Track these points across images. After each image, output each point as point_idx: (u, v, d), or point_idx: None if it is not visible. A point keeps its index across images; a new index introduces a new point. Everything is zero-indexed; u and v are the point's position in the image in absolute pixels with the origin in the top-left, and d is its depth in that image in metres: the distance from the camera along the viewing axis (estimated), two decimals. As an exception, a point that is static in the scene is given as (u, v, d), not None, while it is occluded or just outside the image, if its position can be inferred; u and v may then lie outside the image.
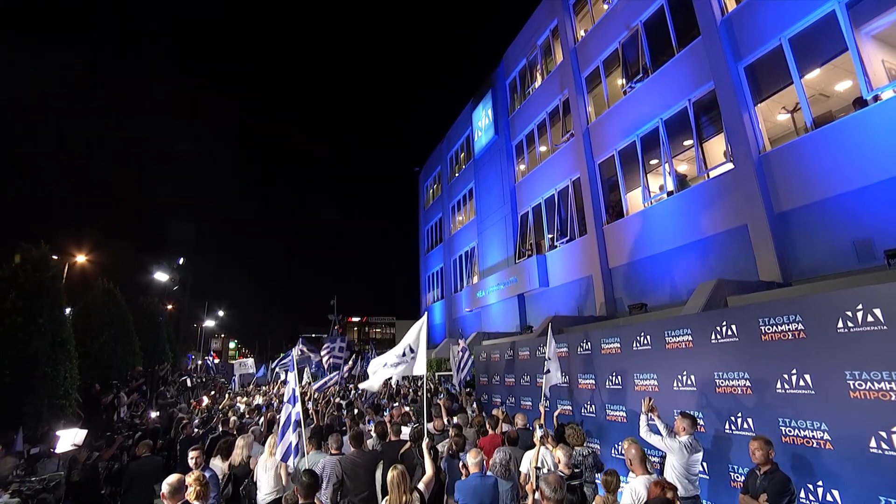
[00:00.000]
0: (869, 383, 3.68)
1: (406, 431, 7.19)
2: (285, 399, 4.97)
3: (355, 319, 64.61)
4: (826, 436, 3.94)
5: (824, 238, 7.66)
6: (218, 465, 5.81)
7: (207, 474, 5.33)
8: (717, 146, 10.13)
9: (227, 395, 14.32)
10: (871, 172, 7.10)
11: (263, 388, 16.44)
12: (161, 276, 11.80)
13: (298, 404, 4.80)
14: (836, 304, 3.95)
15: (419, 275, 28.00)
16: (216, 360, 44.40)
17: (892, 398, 3.54)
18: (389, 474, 3.78)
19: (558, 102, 15.22)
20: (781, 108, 9.11)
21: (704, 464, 4.86)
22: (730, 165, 9.26)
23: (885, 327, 3.61)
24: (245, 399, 14.00)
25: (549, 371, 6.59)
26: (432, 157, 27.43)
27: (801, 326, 4.20)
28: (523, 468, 5.04)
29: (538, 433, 6.23)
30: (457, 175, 23.31)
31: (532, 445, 5.88)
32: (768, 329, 4.47)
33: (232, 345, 77.79)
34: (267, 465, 5.30)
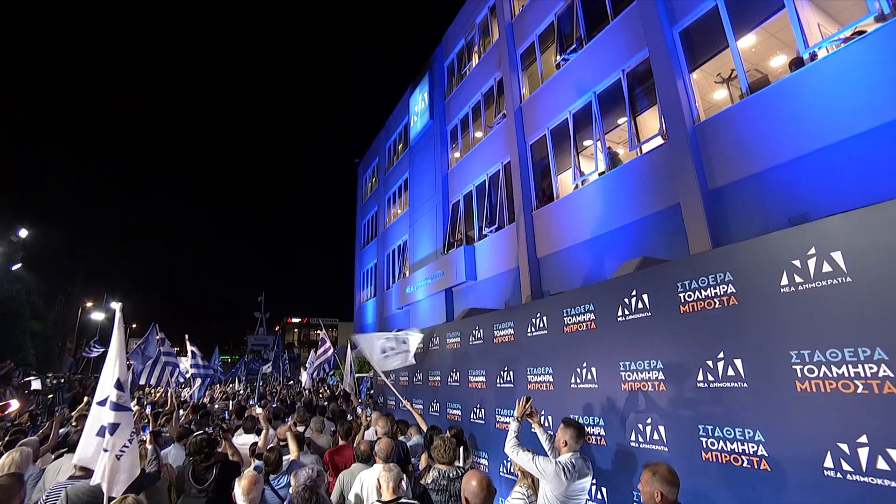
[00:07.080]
0: (824, 368, 2.41)
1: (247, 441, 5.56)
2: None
3: (296, 320, 60.67)
4: (761, 450, 2.64)
5: (759, 215, 6.73)
6: None
7: None
8: (650, 121, 9.19)
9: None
10: (806, 141, 6.26)
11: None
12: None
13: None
14: (780, 249, 2.68)
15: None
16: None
17: (859, 389, 2.27)
18: None
19: (493, 83, 14.04)
20: (717, 74, 8.26)
21: (603, 489, 3.49)
22: (663, 140, 8.30)
23: (848, 279, 2.36)
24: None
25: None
26: (372, 148, 25.68)
27: (731, 289, 2.91)
28: (351, 495, 3.49)
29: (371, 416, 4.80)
30: (393, 165, 21.71)
31: (404, 459, 4.42)
32: (689, 296, 3.17)
33: (164, 349, 71.71)
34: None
